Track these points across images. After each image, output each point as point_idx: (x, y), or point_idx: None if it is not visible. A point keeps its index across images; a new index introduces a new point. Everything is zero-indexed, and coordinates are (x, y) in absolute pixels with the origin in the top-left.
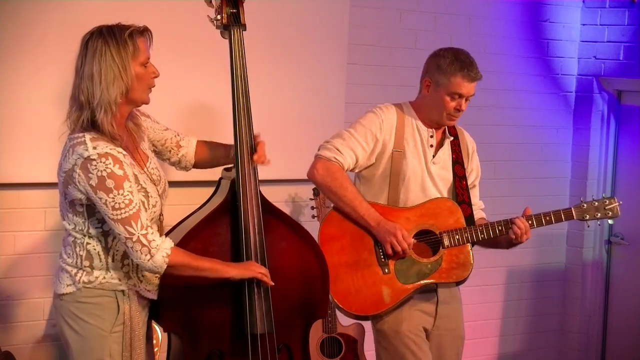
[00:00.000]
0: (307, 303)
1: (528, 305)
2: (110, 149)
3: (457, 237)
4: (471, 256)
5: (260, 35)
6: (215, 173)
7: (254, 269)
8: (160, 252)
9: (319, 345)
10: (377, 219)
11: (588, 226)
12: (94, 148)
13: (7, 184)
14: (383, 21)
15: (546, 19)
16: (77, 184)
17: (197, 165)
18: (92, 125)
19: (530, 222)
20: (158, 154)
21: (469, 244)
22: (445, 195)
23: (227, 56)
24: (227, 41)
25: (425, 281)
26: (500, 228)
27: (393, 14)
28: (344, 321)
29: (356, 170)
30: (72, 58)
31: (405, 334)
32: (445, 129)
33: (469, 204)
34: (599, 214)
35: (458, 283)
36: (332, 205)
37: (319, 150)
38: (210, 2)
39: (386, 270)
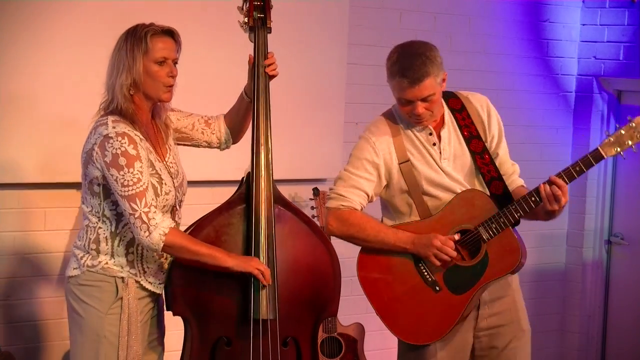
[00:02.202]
0: (318, 299)
1: (528, 305)
2: (129, 130)
3: (494, 225)
4: (516, 237)
5: None
6: (234, 172)
7: (253, 265)
8: (157, 229)
9: (319, 346)
10: (409, 240)
11: (624, 158)
12: (114, 128)
13: (7, 184)
14: (383, 21)
15: (546, 19)
16: (95, 161)
17: (234, 133)
18: (118, 110)
19: (560, 179)
20: (192, 140)
21: (509, 227)
22: (469, 183)
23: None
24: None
25: (480, 283)
26: (534, 199)
27: (393, 14)
28: (344, 321)
29: (375, 199)
30: (73, 58)
31: (433, 351)
32: (443, 115)
33: (499, 179)
34: (631, 141)
35: (514, 271)
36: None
37: (327, 202)
38: (243, 9)
39: (437, 288)
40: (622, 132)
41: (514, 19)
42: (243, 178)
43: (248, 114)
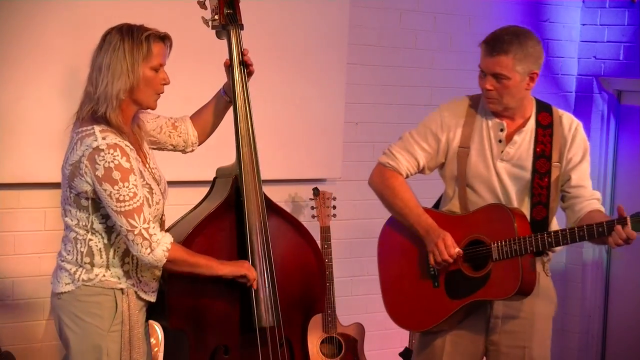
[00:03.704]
0: (307, 297)
1: None
2: (119, 141)
3: (506, 249)
4: (519, 271)
5: (260, 36)
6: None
7: (247, 266)
8: (160, 246)
9: (319, 345)
10: (425, 227)
11: None
12: (103, 139)
13: (7, 184)
14: (383, 21)
15: (546, 19)
16: (84, 175)
17: (203, 135)
18: (103, 119)
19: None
20: (158, 144)
21: (518, 256)
22: (516, 195)
23: (222, 57)
24: (222, 42)
25: (473, 297)
26: (549, 240)
27: (393, 14)
28: (344, 321)
29: (427, 172)
30: (73, 57)
31: (442, 354)
32: (527, 120)
33: (546, 205)
34: None
35: (511, 299)
36: (331, 205)
37: (381, 155)
38: (204, 3)
39: (436, 284)
40: None
41: (514, 19)
42: (215, 179)
43: (222, 114)
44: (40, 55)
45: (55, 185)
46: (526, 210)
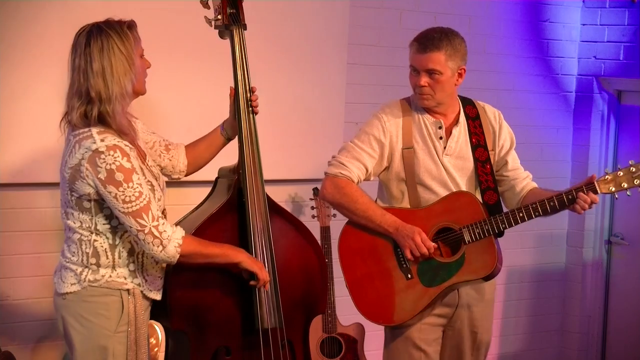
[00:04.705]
0: (308, 298)
1: (528, 305)
2: (118, 142)
3: (478, 230)
4: (495, 247)
5: (260, 35)
6: (214, 173)
7: (260, 265)
8: (172, 242)
9: (319, 345)
10: (394, 224)
11: (616, 198)
12: (102, 140)
13: (7, 184)
14: (383, 21)
15: (546, 19)
16: (86, 177)
17: (193, 166)
18: (99, 120)
19: (542, 207)
20: None
21: (492, 236)
22: (465, 185)
23: (226, 56)
24: (225, 41)
25: (451, 282)
26: (521, 215)
27: (393, 14)
28: (344, 321)
29: (372, 178)
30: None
31: (415, 342)
32: (458, 114)
33: (495, 190)
34: (627, 184)
35: (488, 278)
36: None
37: (327, 168)
38: (207, 3)
39: (409, 276)
40: (620, 173)
41: (514, 19)
42: (217, 179)
43: (218, 151)
44: (40, 55)
45: (55, 185)
46: (478, 197)
